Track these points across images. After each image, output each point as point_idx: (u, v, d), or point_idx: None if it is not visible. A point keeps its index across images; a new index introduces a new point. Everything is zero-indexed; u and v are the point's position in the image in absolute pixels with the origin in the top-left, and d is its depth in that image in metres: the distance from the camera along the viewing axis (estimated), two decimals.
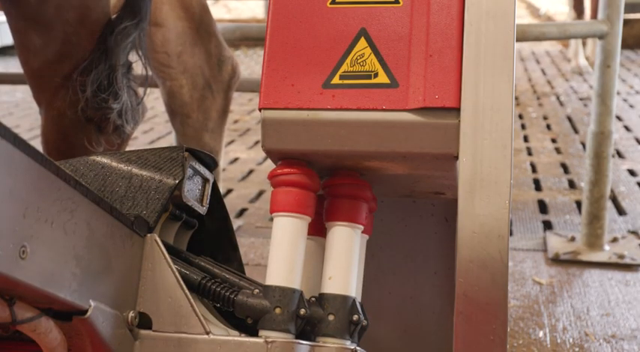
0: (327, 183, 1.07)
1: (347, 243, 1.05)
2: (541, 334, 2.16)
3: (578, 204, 3.26)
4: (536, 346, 2.09)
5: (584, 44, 6.82)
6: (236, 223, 3.10)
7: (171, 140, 4.11)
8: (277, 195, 1.03)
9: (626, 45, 5.68)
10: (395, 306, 1.34)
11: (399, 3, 1.01)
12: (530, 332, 2.17)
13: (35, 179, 0.77)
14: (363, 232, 1.08)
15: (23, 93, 6.35)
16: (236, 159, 4.18)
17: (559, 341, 2.12)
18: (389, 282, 1.34)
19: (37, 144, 1.58)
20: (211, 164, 1.15)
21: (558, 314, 2.28)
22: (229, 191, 3.59)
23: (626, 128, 4.67)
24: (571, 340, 2.12)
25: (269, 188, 1.06)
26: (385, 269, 1.33)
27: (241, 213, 3.27)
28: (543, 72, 6.83)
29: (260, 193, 3.53)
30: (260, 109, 1.01)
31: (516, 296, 2.39)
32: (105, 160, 1.09)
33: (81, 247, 0.86)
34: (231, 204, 3.39)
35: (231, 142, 4.57)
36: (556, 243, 2.79)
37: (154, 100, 5.93)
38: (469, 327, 0.93)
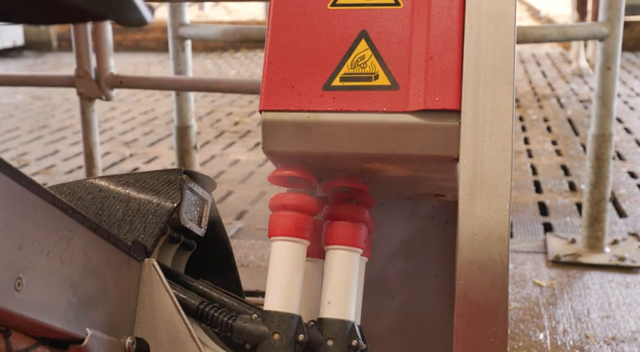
0: (326, 213, 1.07)
1: (346, 267, 1.05)
2: (541, 336, 2.15)
3: (579, 206, 3.26)
4: (537, 348, 2.09)
5: (585, 46, 6.82)
6: (236, 225, 3.10)
7: (170, 142, 4.11)
8: (275, 219, 1.03)
9: (626, 47, 5.68)
10: (395, 308, 1.34)
11: (399, 5, 1.00)
12: (531, 334, 2.17)
13: (31, 210, 0.76)
14: (362, 255, 1.08)
15: (23, 95, 6.35)
16: (236, 161, 4.18)
17: (559, 343, 2.11)
18: (389, 284, 1.34)
19: (38, 146, 1.58)
20: (209, 185, 1.15)
21: (559, 316, 2.28)
22: (229, 193, 3.59)
23: (627, 130, 4.67)
24: (571, 342, 2.12)
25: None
26: (385, 272, 1.33)
27: (241, 215, 3.27)
28: (544, 74, 6.83)
29: (260, 195, 3.53)
30: (260, 111, 1.01)
31: (517, 299, 2.39)
32: (103, 183, 1.08)
33: (77, 275, 0.85)
34: (232, 206, 3.39)
35: (231, 144, 4.57)
36: (556, 245, 2.78)
37: (154, 102, 5.93)
38: (469, 329, 0.93)
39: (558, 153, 4.20)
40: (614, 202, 3.33)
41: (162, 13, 5.57)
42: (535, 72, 6.96)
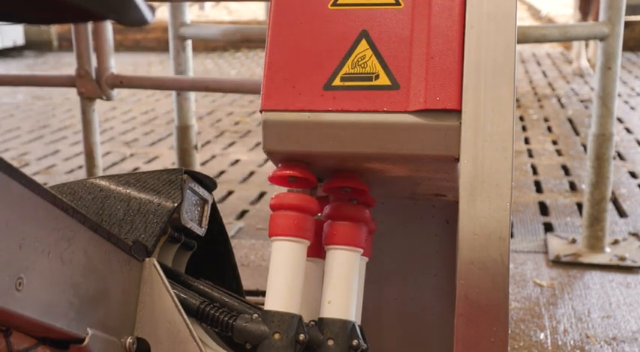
0: (326, 213, 1.07)
1: (346, 266, 1.05)
2: (542, 336, 2.15)
3: (579, 206, 3.26)
4: (537, 348, 2.09)
5: (586, 46, 6.82)
6: (237, 225, 3.10)
7: (171, 141, 4.11)
8: (276, 219, 1.03)
9: (627, 47, 5.68)
10: (395, 308, 1.34)
11: (400, 5, 1.00)
12: (531, 334, 2.17)
13: (32, 209, 0.76)
14: (362, 255, 1.08)
15: (24, 95, 6.35)
16: (237, 161, 4.18)
17: (560, 343, 2.11)
18: (389, 284, 1.34)
19: (38, 146, 1.58)
20: (210, 185, 1.15)
21: (559, 316, 2.27)
22: (230, 193, 3.59)
23: (627, 130, 4.67)
24: (572, 342, 2.12)
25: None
26: (385, 271, 1.33)
27: (242, 214, 3.27)
28: (544, 74, 6.83)
29: (261, 195, 3.53)
30: (261, 111, 1.01)
31: (517, 298, 2.39)
32: (103, 183, 1.08)
33: (78, 275, 0.85)
34: (232, 205, 3.39)
35: (232, 144, 4.57)
36: (557, 245, 2.78)
37: (155, 102, 5.93)
38: (470, 329, 0.93)
39: (559, 152, 4.20)
40: (615, 202, 3.33)
41: (163, 12, 5.57)
42: (536, 72, 6.96)
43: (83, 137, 2.72)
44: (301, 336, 0.99)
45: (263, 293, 1.05)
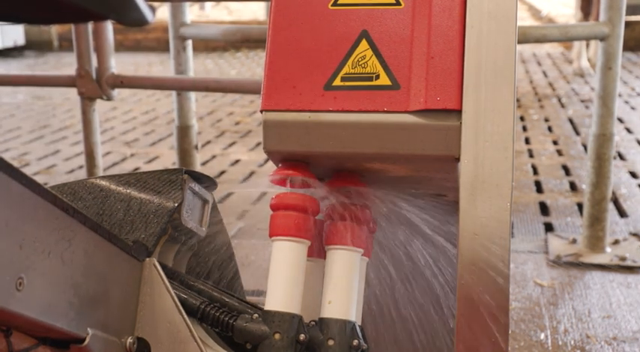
0: (327, 213, 1.07)
1: (346, 266, 1.05)
2: (542, 336, 2.15)
3: (580, 206, 3.26)
4: (538, 348, 2.09)
5: (587, 46, 6.82)
6: (237, 225, 3.10)
7: (171, 141, 4.11)
8: (276, 219, 1.03)
9: (627, 47, 5.67)
10: (395, 308, 1.34)
11: (400, 5, 1.00)
12: (532, 334, 2.17)
13: (32, 209, 0.76)
14: (363, 255, 1.08)
15: (24, 95, 6.35)
16: (237, 161, 4.18)
17: (560, 343, 2.11)
18: (389, 285, 1.34)
19: (39, 146, 1.58)
20: (210, 185, 1.15)
21: (560, 316, 2.27)
22: (230, 193, 3.59)
23: (628, 130, 4.67)
24: (572, 342, 2.12)
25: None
26: (385, 272, 1.33)
27: (242, 214, 3.27)
28: (545, 74, 6.83)
29: (261, 195, 3.53)
30: (261, 111, 1.01)
31: (517, 298, 2.39)
32: (104, 183, 1.08)
33: (78, 275, 0.85)
34: (232, 205, 3.39)
35: (232, 144, 4.57)
36: (557, 245, 2.78)
37: (155, 102, 5.93)
38: (470, 329, 0.93)
39: (559, 153, 4.20)
40: (615, 202, 3.33)
41: (163, 12, 5.57)
42: (536, 72, 6.96)
43: (83, 137, 2.72)
44: (301, 336, 0.99)
45: (263, 294, 1.05)
